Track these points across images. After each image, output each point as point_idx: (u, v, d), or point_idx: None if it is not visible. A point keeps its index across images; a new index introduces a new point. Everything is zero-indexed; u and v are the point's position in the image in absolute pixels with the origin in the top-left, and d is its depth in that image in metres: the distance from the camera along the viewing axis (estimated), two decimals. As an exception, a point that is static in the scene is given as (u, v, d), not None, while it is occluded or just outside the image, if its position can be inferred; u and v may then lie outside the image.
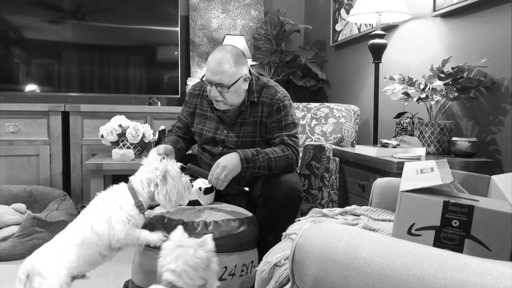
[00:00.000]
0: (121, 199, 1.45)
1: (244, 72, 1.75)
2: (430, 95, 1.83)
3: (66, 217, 2.51)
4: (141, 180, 1.47)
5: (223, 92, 1.71)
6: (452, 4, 1.92)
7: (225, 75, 1.68)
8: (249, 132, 1.81)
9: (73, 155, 2.98)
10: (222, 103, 1.75)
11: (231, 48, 1.75)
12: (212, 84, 1.71)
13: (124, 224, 1.41)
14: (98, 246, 1.40)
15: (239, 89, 1.74)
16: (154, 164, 1.49)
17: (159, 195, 1.46)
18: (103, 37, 3.20)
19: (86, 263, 1.41)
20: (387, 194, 1.44)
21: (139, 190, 1.47)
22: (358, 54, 2.91)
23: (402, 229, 0.82)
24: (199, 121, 1.91)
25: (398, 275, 0.58)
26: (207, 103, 1.89)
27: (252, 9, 3.62)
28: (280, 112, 1.79)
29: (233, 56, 1.70)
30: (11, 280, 2.00)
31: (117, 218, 1.41)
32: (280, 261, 0.98)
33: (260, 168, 1.67)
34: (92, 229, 1.40)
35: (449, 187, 0.96)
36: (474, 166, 1.66)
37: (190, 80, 3.38)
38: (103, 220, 1.40)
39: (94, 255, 1.41)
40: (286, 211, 1.67)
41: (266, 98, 1.81)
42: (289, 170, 1.76)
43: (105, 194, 1.48)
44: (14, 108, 2.87)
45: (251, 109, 1.82)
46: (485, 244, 0.75)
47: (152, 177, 1.46)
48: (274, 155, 1.70)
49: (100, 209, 1.43)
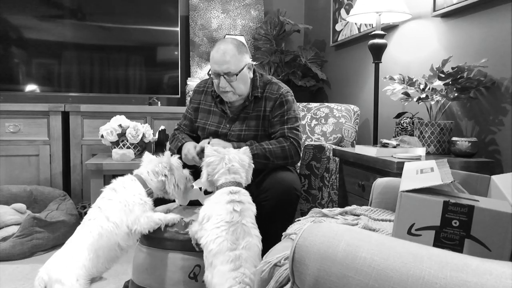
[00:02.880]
0: (132, 186, 1.49)
1: (247, 60, 1.83)
2: (430, 95, 1.83)
3: (66, 217, 2.51)
4: (148, 172, 1.54)
5: (232, 80, 1.77)
6: (452, 4, 1.92)
7: (231, 63, 1.75)
8: (252, 126, 1.85)
9: (73, 155, 2.98)
10: (231, 94, 1.80)
11: (231, 39, 1.83)
12: (219, 75, 1.77)
13: (142, 206, 1.45)
14: (117, 235, 1.40)
15: (245, 77, 1.81)
16: (156, 159, 1.57)
17: (169, 185, 1.54)
18: (103, 37, 3.20)
19: (106, 259, 1.41)
20: (387, 194, 1.44)
21: (147, 180, 1.53)
22: (358, 54, 2.91)
23: (402, 229, 0.82)
24: (202, 116, 1.95)
25: (398, 275, 0.58)
26: (211, 98, 1.95)
27: (252, 9, 3.62)
28: (283, 106, 1.84)
29: (235, 45, 1.78)
30: (11, 280, 2.01)
31: (133, 201, 1.44)
32: (280, 261, 0.98)
33: (256, 157, 1.66)
34: (108, 220, 1.40)
35: (449, 187, 0.96)
36: (474, 166, 1.66)
37: (190, 80, 3.38)
38: (119, 208, 1.42)
39: (113, 248, 1.41)
40: (284, 209, 1.68)
41: (270, 93, 1.87)
42: (290, 163, 1.80)
43: (114, 184, 1.50)
44: (14, 108, 2.87)
45: (254, 104, 1.87)
46: (485, 244, 0.75)
47: (159, 170, 1.54)
48: (268, 146, 1.75)
49: (113, 198, 1.44)
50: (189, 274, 1.51)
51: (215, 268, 1.23)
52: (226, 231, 1.26)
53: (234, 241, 1.25)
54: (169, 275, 1.52)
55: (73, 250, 1.37)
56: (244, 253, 1.23)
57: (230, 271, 1.20)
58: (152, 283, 1.54)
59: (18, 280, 2.00)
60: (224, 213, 1.30)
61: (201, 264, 1.49)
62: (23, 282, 1.98)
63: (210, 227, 1.29)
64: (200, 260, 1.49)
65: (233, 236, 1.26)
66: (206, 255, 1.28)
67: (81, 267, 1.34)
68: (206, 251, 1.28)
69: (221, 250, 1.24)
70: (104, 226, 1.39)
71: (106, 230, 1.39)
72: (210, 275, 1.25)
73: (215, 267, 1.23)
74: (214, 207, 1.34)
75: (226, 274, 1.20)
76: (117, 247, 1.42)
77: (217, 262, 1.23)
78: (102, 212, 1.42)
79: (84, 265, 1.35)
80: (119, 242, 1.42)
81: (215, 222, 1.29)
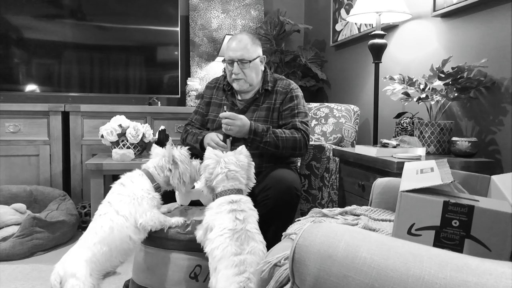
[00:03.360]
0: (139, 180, 1.51)
1: (260, 52, 1.97)
2: (430, 95, 1.83)
3: (66, 217, 2.51)
4: (155, 167, 1.56)
5: (245, 68, 1.90)
6: (452, 4, 1.92)
7: (246, 50, 1.89)
8: (262, 116, 1.93)
9: (73, 155, 2.98)
10: (243, 81, 1.92)
11: (247, 32, 2.06)
12: (233, 62, 1.90)
13: (150, 201, 1.47)
14: (128, 228, 1.42)
15: (257, 67, 1.94)
16: (160, 153, 1.58)
17: (174, 179, 1.55)
18: (103, 37, 3.20)
19: (119, 252, 1.43)
20: (387, 194, 1.44)
21: (155, 174, 1.55)
22: (358, 54, 2.91)
23: (402, 229, 0.82)
24: (213, 109, 2.04)
25: (398, 275, 0.58)
26: (222, 93, 2.05)
27: (252, 9, 3.62)
28: (293, 100, 1.94)
29: (250, 37, 1.95)
30: (11, 280, 2.01)
31: (141, 195, 1.46)
32: (280, 261, 0.98)
33: (266, 144, 1.80)
34: (118, 214, 1.42)
35: (449, 187, 0.96)
36: (474, 166, 1.66)
37: (190, 80, 3.38)
38: (128, 201, 1.44)
39: (125, 240, 1.43)
40: (284, 209, 1.68)
41: (280, 87, 1.98)
42: (297, 154, 1.88)
43: (122, 179, 1.52)
44: (14, 108, 2.87)
45: (264, 97, 1.97)
46: (485, 244, 0.75)
47: (163, 165, 1.55)
48: (282, 135, 1.83)
49: (122, 190, 1.47)
50: (189, 274, 1.51)
51: (219, 272, 1.22)
52: (230, 238, 1.26)
53: (239, 246, 1.25)
54: (170, 274, 1.52)
55: (86, 245, 1.39)
56: (249, 258, 1.23)
57: (234, 275, 1.19)
58: (153, 283, 1.54)
59: (18, 280, 2.00)
60: (227, 222, 1.30)
61: (202, 264, 1.49)
62: (23, 282, 1.98)
63: (214, 236, 1.29)
64: (201, 260, 1.49)
65: (237, 242, 1.25)
66: (211, 261, 1.28)
67: (94, 261, 1.37)
68: (211, 258, 1.28)
69: (225, 255, 1.23)
70: (114, 220, 1.41)
71: (117, 223, 1.41)
72: (214, 280, 1.24)
73: (219, 272, 1.22)
74: (215, 218, 1.33)
75: (230, 278, 1.19)
76: (129, 240, 1.44)
77: (221, 266, 1.23)
78: (112, 206, 1.44)
79: (97, 259, 1.37)
80: (130, 235, 1.43)
81: (218, 231, 1.29)
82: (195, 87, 3.37)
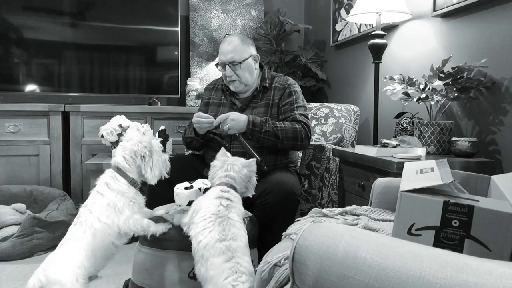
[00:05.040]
0: (114, 183, 1.45)
1: (252, 51, 1.98)
2: (430, 95, 1.83)
3: (66, 217, 2.51)
4: (124, 157, 1.48)
5: (236, 69, 1.91)
6: (452, 4, 1.92)
7: (235, 52, 1.91)
8: (261, 113, 1.94)
9: (73, 155, 2.98)
10: (238, 83, 1.94)
11: (238, 33, 2.17)
12: (225, 64, 1.92)
13: (131, 207, 1.43)
14: (110, 235, 1.41)
15: (250, 67, 1.95)
16: (136, 138, 1.50)
17: (146, 168, 1.47)
18: (103, 37, 3.20)
19: (103, 257, 1.42)
20: (387, 194, 1.44)
21: (126, 168, 1.48)
22: (358, 54, 2.90)
23: (402, 229, 0.82)
24: (212, 109, 2.06)
25: (398, 275, 0.58)
26: (221, 93, 2.08)
27: (252, 9, 3.62)
28: (292, 95, 1.96)
29: (240, 38, 1.96)
30: (11, 280, 2.01)
31: (122, 203, 1.42)
32: (280, 261, 0.98)
33: (266, 134, 1.80)
34: (99, 221, 1.39)
35: (449, 187, 0.96)
36: (474, 166, 1.66)
37: (190, 80, 3.38)
38: (110, 209, 1.41)
39: (109, 247, 1.42)
40: (283, 214, 1.67)
41: (278, 83, 2.00)
42: (299, 145, 1.87)
43: (98, 187, 1.47)
44: (14, 108, 2.87)
45: (263, 94, 1.99)
46: (485, 244, 0.75)
47: (137, 150, 1.47)
48: (281, 125, 1.83)
49: (101, 200, 1.43)
50: (188, 274, 1.51)
51: (208, 261, 1.24)
52: (212, 222, 1.29)
53: (221, 231, 1.28)
54: (169, 275, 1.52)
55: (69, 251, 1.36)
56: (233, 243, 1.26)
57: (224, 262, 1.22)
58: (152, 283, 1.54)
59: (18, 280, 2.00)
60: (212, 206, 1.34)
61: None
62: (23, 282, 1.98)
63: (198, 220, 1.33)
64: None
65: (219, 227, 1.28)
66: (195, 246, 1.30)
67: (79, 267, 1.35)
68: (195, 243, 1.30)
69: (209, 241, 1.26)
70: (97, 227, 1.39)
71: (99, 231, 1.39)
72: (203, 268, 1.25)
73: (208, 260, 1.24)
74: (203, 201, 1.39)
75: (221, 266, 1.22)
76: (112, 245, 1.43)
77: (208, 254, 1.25)
78: (92, 213, 1.40)
79: (83, 264, 1.36)
80: (113, 241, 1.43)
81: (202, 214, 1.33)
82: (195, 87, 3.37)
